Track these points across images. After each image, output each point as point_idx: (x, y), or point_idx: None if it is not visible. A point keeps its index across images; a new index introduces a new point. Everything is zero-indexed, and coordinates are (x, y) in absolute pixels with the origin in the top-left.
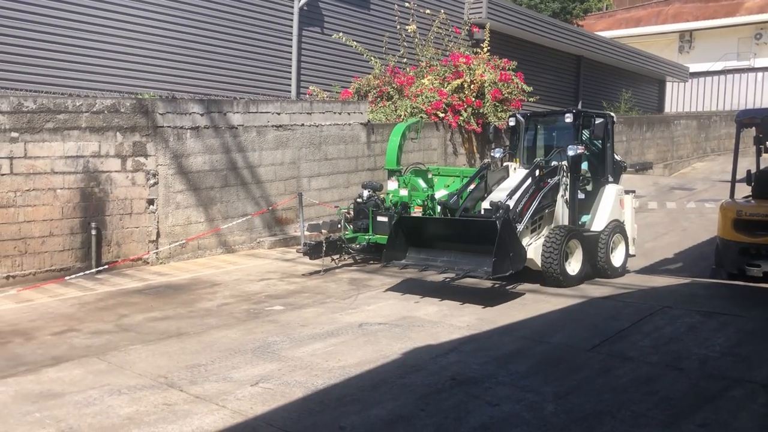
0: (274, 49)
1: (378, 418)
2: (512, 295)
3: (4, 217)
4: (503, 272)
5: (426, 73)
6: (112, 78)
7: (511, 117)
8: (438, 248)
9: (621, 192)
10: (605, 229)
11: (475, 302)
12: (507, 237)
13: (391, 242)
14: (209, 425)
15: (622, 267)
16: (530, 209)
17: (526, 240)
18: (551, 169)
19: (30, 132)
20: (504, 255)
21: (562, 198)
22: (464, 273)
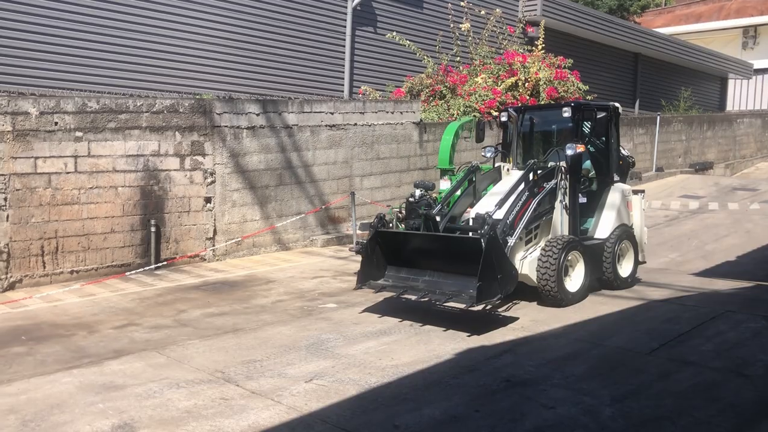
0: (328, 49)
1: (431, 417)
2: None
3: (68, 214)
4: (490, 297)
5: (479, 72)
6: (171, 78)
7: (503, 111)
8: (421, 266)
9: (628, 192)
10: (611, 236)
11: (530, 303)
12: (494, 256)
13: (366, 260)
14: (265, 420)
15: (632, 276)
16: (523, 219)
17: (520, 254)
18: (548, 171)
19: (93, 131)
20: (491, 277)
21: (561, 204)
22: (446, 298)
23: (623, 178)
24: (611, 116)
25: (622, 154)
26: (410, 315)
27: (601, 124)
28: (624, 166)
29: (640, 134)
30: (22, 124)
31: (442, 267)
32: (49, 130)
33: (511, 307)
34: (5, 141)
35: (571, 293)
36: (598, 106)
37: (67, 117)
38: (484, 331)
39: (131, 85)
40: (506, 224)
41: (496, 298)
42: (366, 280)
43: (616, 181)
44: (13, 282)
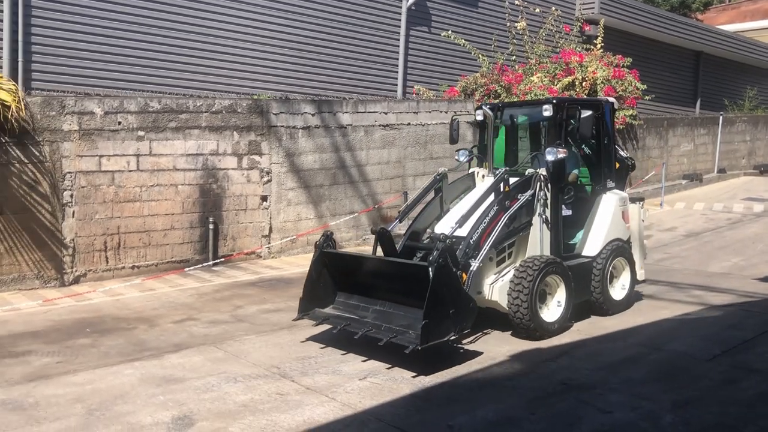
0: (382, 49)
1: (485, 419)
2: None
3: (130, 211)
4: (440, 338)
5: (535, 71)
6: (229, 79)
7: (478, 109)
8: (374, 293)
9: (624, 201)
10: (601, 252)
11: (586, 305)
12: (444, 288)
13: (310, 285)
14: (319, 416)
15: (627, 299)
16: (491, 237)
17: (490, 277)
18: (523, 180)
19: (155, 131)
20: (441, 313)
21: (541, 217)
22: (389, 336)
23: (620, 185)
24: (603, 114)
25: (620, 155)
26: None
27: (589, 123)
28: (621, 170)
29: (701, 135)
30: (87, 123)
31: (394, 296)
32: (113, 129)
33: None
34: (72, 140)
35: (547, 323)
36: (585, 103)
37: (130, 117)
38: None
39: (190, 85)
40: (469, 244)
41: (448, 337)
42: (309, 309)
43: (611, 188)
44: (78, 276)
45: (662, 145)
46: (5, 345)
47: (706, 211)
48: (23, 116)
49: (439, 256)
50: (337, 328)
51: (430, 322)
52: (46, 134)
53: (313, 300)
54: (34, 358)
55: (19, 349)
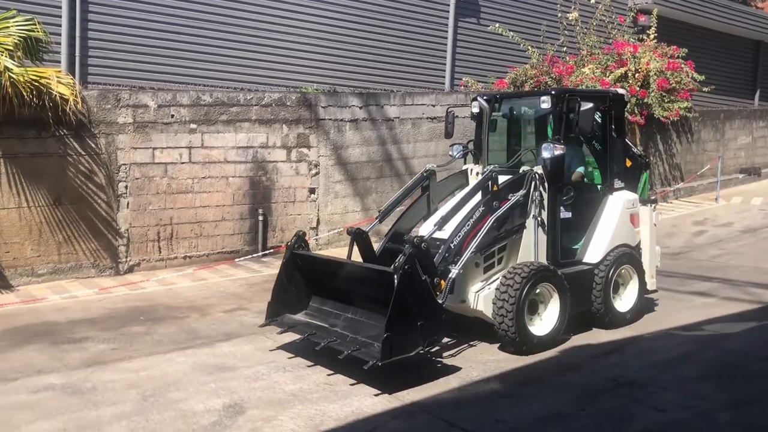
0: (429, 42)
1: (533, 414)
2: (679, 297)
3: (183, 202)
4: (405, 352)
5: (587, 62)
6: (277, 72)
7: (474, 101)
8: (347, 299)
9: (633, 203)
10: (604, 259)
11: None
12: (411, 298)
13: (280, 289)
14: (367, 408)
15: (633, 311)
16: (474, 241)
17: (476, 284)
18: (515, 179)
19: (206, 124)
20: (406, 326)
21: (535, 219)
22: (351, 349)
23: (631, 185)
24: (610, 106)
25: (633, 152)
26: None
27: (589, 116)
28: (633, 168)
29: (760, 127)
30: (141, 116)
31: (365, 303)
32: (166, 122)
33: None
34: (126, 132)
35: (536, 337)
36: (589, 94)
37: (182, 110)
38: (589, 328)
39: (240, 79)
40: (450, 248)
41: (416, 352)
42: (280, 314)
43: (619, 188)
44: (132, 265)
45: (718, 138)
46: (64, 331)
47: (764, 206)
48: (80, 109)
49: (405, 262)
50: (302, 337)
51: (394, 335)
52: (102, 127)
53: (283, 304)
54: (91, 345)
55: (77, 335)
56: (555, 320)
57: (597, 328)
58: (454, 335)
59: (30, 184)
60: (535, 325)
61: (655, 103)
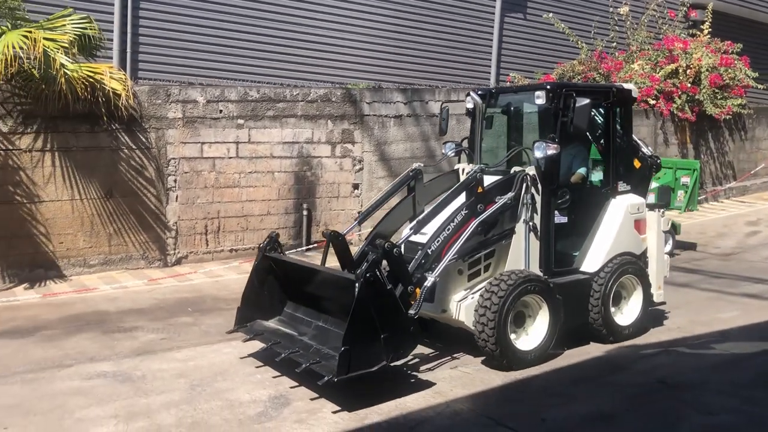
0: (475, 36)
1: (580, 414)
2: (730, 299)
3: (230, 196)
4: (365, 367)
5: (636, 58)
6: (322, 69)
7: (467, 95)
8: (319, 307)
9: (638, 208)
10: (603, 268)
11: (685, 302)
12: (374, 308)
13: (250, 294)
14: (411, 402)
15: (636, 325)
16: (455, 246)
17: (459, 293)
18: (504, 180)
19: (253, 119)
20: (367, 339)
21: (526, 224)
22: (308, 364)
23: (639, 188)
24: (613, 102)
25: (643, 153)
26: None
27: (585, 113)
28: (642, 170)
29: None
30: (191, 111)
31: (333, 311)
32: (215, 117)
33: (666, 307)
34: (176, 127)
35: (521, 352)
36: (589, 89)
37: (230, 105)
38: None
39: (286, 75)
40: (427, 254)
41: (379, 366)
42: (250, 320)
43: (624, 191)
44: (180, 257)
45: None
46: (114, 320)
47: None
48: (132, 104)
49: (367, 270)
50: (267, 343)
51: (352, 349)
52: (152, 121)
53: (255, 310)
54: (140, 334)
55: (127, 324)
56: (543, 334)
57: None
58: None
59: (83, 177)
60: (520, 338)
61: (706, 99)
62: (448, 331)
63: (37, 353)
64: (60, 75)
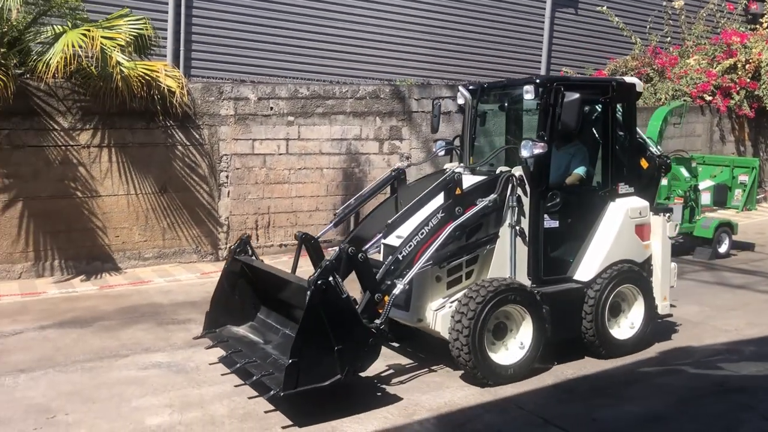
0: (524, 32)
1: (632, 415)
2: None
3: (279, 192)
4: (316, 381)
5: (692, 53)
6: (368, 65)
7: (458, 91)
8: (288, 314)
9: (641, 212)
10: (598, 277)
11: (742, 304)
12: (327, 318)
13: (220, 298)
14: (460, 400)
15: (636, 339)
16: (428, 252)
17: (437, 302)
18: (486, 181)
19: (303, 116)
20: (319, 351)
21: (512, 229)
22: (259, 376)
23: (647, 191)
24: (613, 98)
25: (651, 152)
26: None
27: (574, 109)
28: (650, 171)
29: None
30: (242, 108)
31: (295, 319)
32: (265, 114)
33: (722, 308)
34: (228, 124)
35: (499, 366)
36: (584, 83)
37: (281, 102)
38: (692, 330)
39: (336, 72)
40: (398, 260)
41: (332, 381)
42: (220, 325)
43: (626, 194)
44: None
45: None
46: (168, 313)
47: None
48: (186, 102)
49: (318, 277)
50: (227, 351)
51: (301, 361)
52: (205, 118)
53: (226, 314)
54: (193, 326)
55: (180, 317)
56: (526, 348)
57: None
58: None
59: (138, 172)
60: (499, 351)
61: (766, 95)
62: None
63: (95, 343)
64: (116, 72)
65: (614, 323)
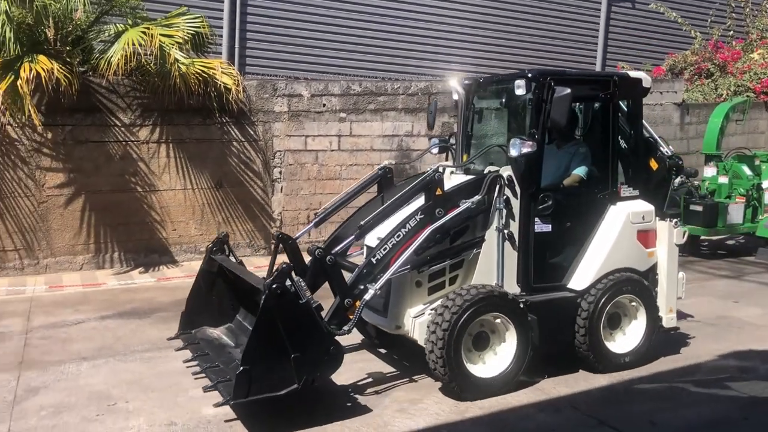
0: (578, 26)
1: (693, 419)
2: None
3: (330, 188)
4: (269, 390)
5: (756, 47)
6: (423, 62)
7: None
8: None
9: (644, 216)
10: (594, 286)
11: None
12: (283, 325)
13: (195, 298)
14: (513, 398)
15: (636, 353)
16: (404, 256)
17: (416, 308)
18: (471, 182)
19: (355, 113)
20: (273, 358)
21: (499, 232)
22: (215, 383)
23: (656, 194)
24: (614, 94)
25: (661, 153)
26: None
27: (564, 105)
28: (660, 172)
29: None
30: (296, 105)
31: None
32: (318, 111)
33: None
34: (282, 120)
35: (478, 379)
36: (581, 78)
37: (333, 99)
38: (753, 332)
39: (387, 69)
40: (371, 263)
41: (287, 390)
42: (196, 326)
43: (629, 197)
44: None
45: None
46: None
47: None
48: (241, 98)
49: (273, 281)
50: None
51: (254, 369)
52: (260, 115)
53: (202, 315)
54: None
55: None
56: (509, 360)
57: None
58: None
59: (195, 168)
60: (479, 363)
61: None
62: None
63: (153, 334)
64: (174, 70)
65: (612, 335)
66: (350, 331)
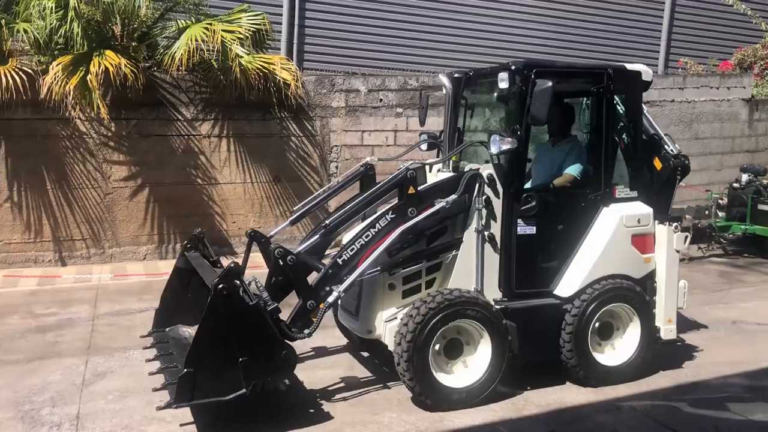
0: (640, 19)
1: (757, 425)
2: None
3: None
4: (215, 395)
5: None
6: (480, 56)
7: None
8: None
9: (638, 220)
10: (581, 293)
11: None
12: (230, 327)
13: (169, 296)
14: (570, 398)
15: (629, 366)
16: (372, 257)
17: (389, 312)
18: (448, 180)
19: (411, 108)
20: (218, 362)
21: (479, 234)
22: (165, 384)
23: (660, 195)
24: (607, 88)
25: (666, 152)
26: None
27: (544, 100)
28: (664, 173)
29: None
30: (353, 100)
31: None
32: (375, 106)
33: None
34: (339, 116)
35: (450, 390)
36: (569, 70)
37: (390, 94)
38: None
39: (443, 63)
40: (337, 264)
41: (235, 395)
42: (170, 324)
43: (625, 198)
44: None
45: None
46: None
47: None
48: (300, 94)
49: (220, 281)
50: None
51: (197, 372)
52: (317, 110)
53: (177, 313)
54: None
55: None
56: (483, 370)
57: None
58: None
59: (254, 162)
60: (450, 373)
61: None
62: None
63: None
64: (235, 65)
65: (602, 346)
66: (311, 335)
